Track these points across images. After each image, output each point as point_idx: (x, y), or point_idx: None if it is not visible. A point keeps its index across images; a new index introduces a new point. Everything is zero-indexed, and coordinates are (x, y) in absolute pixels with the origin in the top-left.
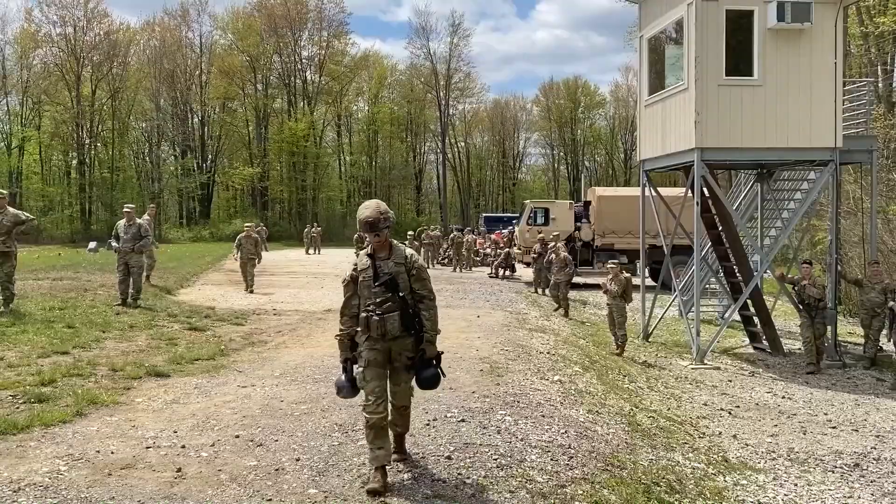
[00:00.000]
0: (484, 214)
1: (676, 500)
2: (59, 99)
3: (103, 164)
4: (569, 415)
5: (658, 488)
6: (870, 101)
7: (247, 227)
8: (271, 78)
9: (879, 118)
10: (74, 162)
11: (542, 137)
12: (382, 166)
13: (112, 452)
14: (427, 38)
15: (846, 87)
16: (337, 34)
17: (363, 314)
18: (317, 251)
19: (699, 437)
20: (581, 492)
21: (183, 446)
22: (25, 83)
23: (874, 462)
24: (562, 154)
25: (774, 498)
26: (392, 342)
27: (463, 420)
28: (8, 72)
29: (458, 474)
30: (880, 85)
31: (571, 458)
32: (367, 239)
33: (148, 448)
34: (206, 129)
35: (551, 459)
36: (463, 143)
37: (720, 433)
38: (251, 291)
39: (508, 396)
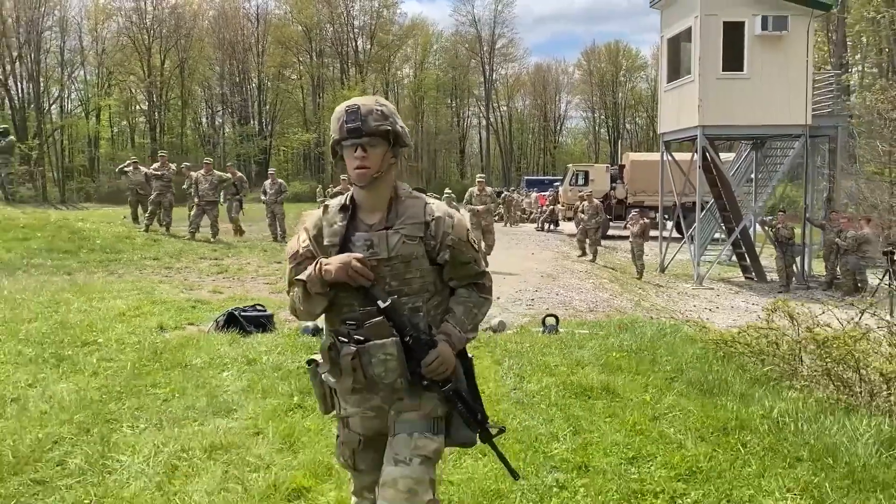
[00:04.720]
0: (526, 177)
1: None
2: (131, 69)
3: (171, 131)
4: (598, 294)
5: (644, 319)
6: (837, 89)
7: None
8: (324, 47)
9: (877, 92)
10: (144, 128)
11: (583, 101)
12: (428, 131)
13: None
14: (472, 4)
15: (818, 78)
16: (387, 4)
17: (326, 337)
18: None
19: (680, 314)
20: (602, 315)
21: None
22: (100, 54)
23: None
24: (602, 117)
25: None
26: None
27: (536, 290)
28: (84, 44)
29: (538, 305)
30: None
31: (598, 305)
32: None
33: None
34: (261, 97)
35: (587, 305)
36: (505, 108)
37: (697, 316)
38: None
39: (561, 285)
